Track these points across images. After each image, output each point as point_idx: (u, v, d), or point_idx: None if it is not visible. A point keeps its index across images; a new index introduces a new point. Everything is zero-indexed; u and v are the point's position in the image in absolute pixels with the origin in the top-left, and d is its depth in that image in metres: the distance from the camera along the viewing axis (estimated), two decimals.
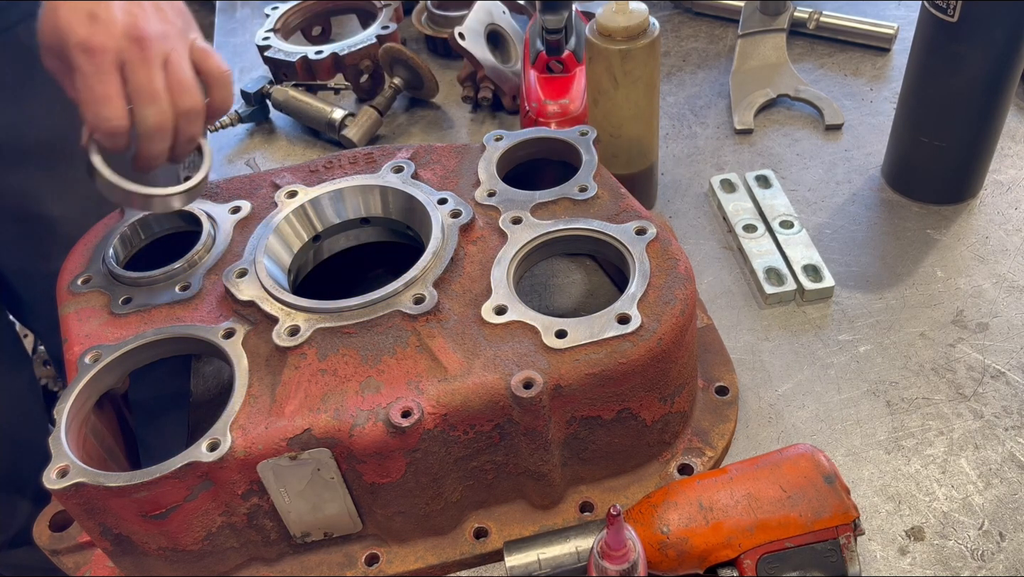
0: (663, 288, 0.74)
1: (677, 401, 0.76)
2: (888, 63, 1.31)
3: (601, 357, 0.69)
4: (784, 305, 0.97)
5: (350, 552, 0.76)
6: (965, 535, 0.76)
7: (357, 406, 0.68)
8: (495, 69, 1.26)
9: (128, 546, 0.70)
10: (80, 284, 0.81)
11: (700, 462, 0.79)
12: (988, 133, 1.02)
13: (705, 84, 1.31)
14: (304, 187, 0.86)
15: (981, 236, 1.02)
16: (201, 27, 0.77)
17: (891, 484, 0.80)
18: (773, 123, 1.23)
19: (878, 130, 1.18)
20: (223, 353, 0.73)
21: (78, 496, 0.65)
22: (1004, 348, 0.90)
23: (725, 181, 1.11)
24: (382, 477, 0.69)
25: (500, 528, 0.76)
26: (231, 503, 0.69)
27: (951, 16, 0.93)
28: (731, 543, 0.67)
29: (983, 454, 0.81)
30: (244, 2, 1.66)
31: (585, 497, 0.78)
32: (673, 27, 1.43)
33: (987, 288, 0.96)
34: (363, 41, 1.30)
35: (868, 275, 0.99)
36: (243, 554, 0.74)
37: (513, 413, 0.69)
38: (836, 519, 0.67)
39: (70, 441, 0.68)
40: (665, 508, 0.69)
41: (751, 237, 1.03)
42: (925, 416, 0.85)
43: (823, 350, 0.92)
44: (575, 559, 0.69)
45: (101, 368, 0.73)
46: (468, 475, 0.74)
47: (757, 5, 1.33)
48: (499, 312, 0.74)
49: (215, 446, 0.66)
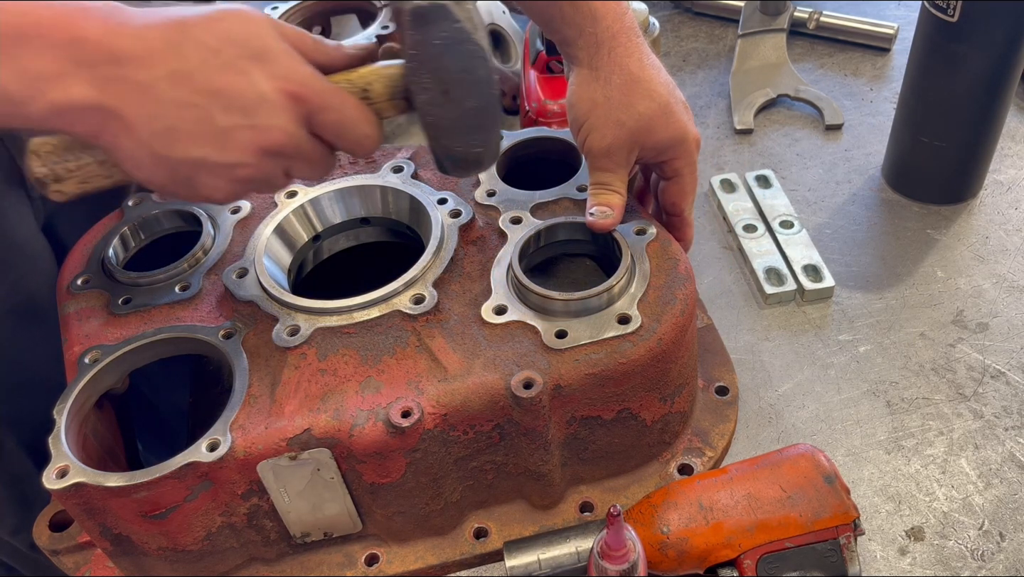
0: (663, 288, 0.74)
1: (677, 401, 0.76)
2: (888, 63, 1.31)
3: (601, 357, 0.69)
4: (784, 305, 0.97)
5: (350, 552, 0.76)
6: (965, 535, 0.76)
7: (357, 406, 0.68)
8: (495, 69, 1.25)
9: (128, 546, 0.70)
10: (80, 284, 0.81)
11: (700, 462, 0.79)
12: (988, 133, 1.02)
13: (705, 84, 1.31)
14: (304, 187, 0.86)
15: (981, 236, 1.02)
16: None
17: (891, 484, 0.80)
18: (773, 123, 1.23)
19: (878, 130, 1.18)
20: (223, 353, 0.73)
21: (78, 496, 0.65)
22: (1004, 348, 0.90)
23: (725, 181, 1.11)
24: (382, 477, 0.69)
25: (500, 528, 0.76)
26: (231, 503, 0.69)
27: (951, 16, 0.93)
28: (731, 543, 0.67)
29: (983, 454, 0.81)
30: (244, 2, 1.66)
31: (585, 497, 0.77)
32: (673, 27, 1.43)
33: (987, 288, 0.96)
34: (363, 41, 1.30)
35: (868, 275, 0.99)
36: (243, 554, 0.74)
37: (513, 413, 0.69)
38: (836, 519, 0.67)
39: (70, 441, 0.68)
40: (665, 508, 0.69)
41: (751, 237, 1.03)
42: (925, 416, 0.85)
43: (823, 350, 0.92)
44: (575, 559, 0.69)
45: (101, 368, 0.73)
46: (468, 475, 0.74)
47: (757, 5, 1.33)
48: (499, 312, 0.74)
49: (215, 446, 0.66)
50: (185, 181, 0.60)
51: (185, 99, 0.57)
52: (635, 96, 0.75)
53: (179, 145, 0.58)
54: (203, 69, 0.57)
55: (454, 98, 0.64)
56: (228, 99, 0.58)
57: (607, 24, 0.74)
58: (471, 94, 0.65)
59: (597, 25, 0.75)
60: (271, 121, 0.59)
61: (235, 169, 0.60)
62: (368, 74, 0.66)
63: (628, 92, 0.75)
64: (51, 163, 0.63)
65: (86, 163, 0.63)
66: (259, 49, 0.59)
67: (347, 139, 0.65)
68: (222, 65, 0.58)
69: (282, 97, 0.59)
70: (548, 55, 1.15)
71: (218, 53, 0.58)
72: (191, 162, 0.59)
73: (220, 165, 0.59)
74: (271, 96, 0.59)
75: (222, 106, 0.57)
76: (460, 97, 0.64)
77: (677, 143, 0.78)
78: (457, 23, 0.62)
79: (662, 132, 0.76)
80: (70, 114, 0.55)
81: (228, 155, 0.59)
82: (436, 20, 0.61)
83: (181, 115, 0.57)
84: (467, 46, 0.63)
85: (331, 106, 0.62)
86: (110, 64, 0.55)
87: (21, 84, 0.53)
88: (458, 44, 0.63)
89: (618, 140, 0.76)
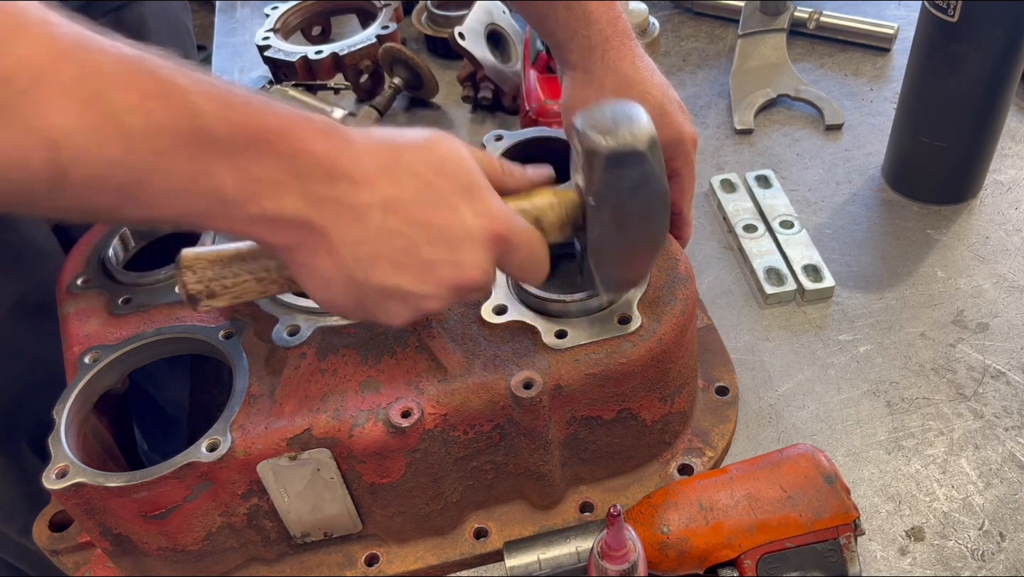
0: (663, 288, 0.74)
1: (677, 401, 0.76)
2: (888, 63, 1.31)
3: (601, 357, 0.69)
4: (784, 305, 0.97)
5: (350, 552, 0.76)
6: (965, 535, 0.76)
7: (357, 406, 0.68)
8: (495, 69, 1.26)
9: (128, 546, 0.70)
10: (80, 284, 0.81)
11: (700, 462, 0.79)
12: (988, 133, 1.02)
13: (705, 84, 1.31)
14: None
15: (981, 236, 1.02)
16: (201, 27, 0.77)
17: (891, 484, 0.80)
18: (773, 123, 1.23)
19: (878, 130, 1.18)
20: (223, 353, 0.73)
21: (78, 496, 0.65)
22: (1004, 348, 0.90)
23: (725, 181, 1.11)
24: (382, 477, 0.69)
25: (500, 528, 0.76)
26: (231, 503, 0.69)
27: (951, 16, 0.93)
28: (731, 543, 0.67)
29: (983, 454, 0.81)
30: (244, 2, 1.66)
31: (585, 497, 0.78)
32: (673, 27, 1.43)
33: (987, 288, 0.96)
34: (363, 41, 1.30)
35: (868, 275, 0.99)
36: (243, 554, 0.74)
37: (513, 413, 0.69)
38: (836, 519, 0.67)
39: (70, 441, 0.68)
40: (665, 508, 0.69)
41: (751, 237, 1.03)
42: (925, 416, 0.85)
43: (823, 350, 0.92)
44: (575, 559, 0.69)
45: (101, 368, 0.73)
46: (468, 475, 0.74)
47: (757, 5, 1.33)
48: (499, 312, 0.74)
49: (215, 446, 0.66)
50: (370, 305, 0.59)
51: (394, 228, 0.56)
52: (629, 99, 0.75)
53: (378, 272, 0.57)
54: (417, 200, 0.57)
55: (629, 233, 0.66)
56: (437, 232, 0.58)
57: (600, 28, 0.75)
58: (646, 231, 0.66)
59: (590, 28, 0.75)
60: (473, 258, 0.59)
61: (425, 300, 0.60)
62: (542, 202, 0.66)
63: (621, 95, 0.74)
64: (207, 279, 0.61)
65: (243, 280, 0.61)
66: (467, 185, 0.59)
67: (527, 273, 0.66)
68: (435, 198, 0.58)
69: (486, 235, 0.59)
70: (548, 55, 1.15)
71: (431, 185, 0.58)
72: (386, 290, 0.58)
73: (413, 295, 0.59)
74: (477, 234, 0.59)
75: (429, 238, 0.57)
76: (635, 233, 0.66)
77: (673, 144, 0.78)
78: (649, 167, 0.62)
79: (658, 134, 0.76)
80: (275, 224, 0.55)
81: (425, 287, 0.59)
82: (631, 164, 0.62)
83: (389, 243, 0.57)
84: (654, 188, 0.64)
85: (523, 246, 0.62)
86: (326, 182, 0.55)
87: (239, 187, 0.52)
88: (645, 186, 0.63)
89: None
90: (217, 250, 0.62)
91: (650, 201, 0.64)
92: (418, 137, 0.59)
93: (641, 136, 0.61)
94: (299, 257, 0.57)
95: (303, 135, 0.54)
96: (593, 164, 0.62)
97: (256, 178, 0.52)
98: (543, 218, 0.65)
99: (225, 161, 0.51)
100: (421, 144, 0.59)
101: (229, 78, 1.45)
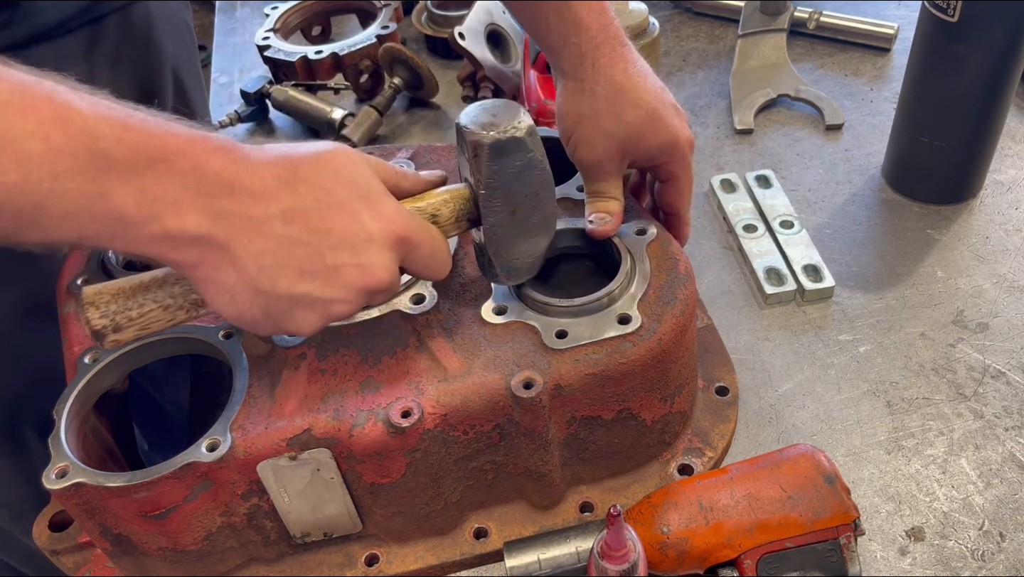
0: (663, 288, 0.74)
1: (677, 401, 0.76)
2: (888, 63, 1.31)
3: (601, 357, 0.69)
4: (784, 305, 0.97)
5: (350, 552, 0.76)
6: (965, 535, 0.76)
7: (357, 406, 0.68)
8: (495, 69, 1.26)
9: (128, 546, 0.70)
10: (80, 284, 0.81)
11: (700, 462, 0.79)
12: (988, 133, 1.02)
13: (705, 84, 1.31)
14: None
15: (981, 236, 1.02)
16: (201, 27, 0.77)
17: (891, 484, 0.80)
18: (773, 123, 1.23)
19: (878, 130, 1.18)
20: (223, 353, 0.73)
21: (78, 496, 0.65)
22: (1004, 348, 0.90)
23: (725, 181, 1.11)
24: (382, 477, 0.69)
25: (500, 528, 0.76)
26: (231, 503, 0.69)
27: (951, 16, 0.93)
28: (731, 543, 0.67)
29: (983, 454, 0.81)
30: (244, 2, 1.66)
31: (585, 497, 0.77)
32: (673, 27, 1.43)
33: (987, 288, 0.96)
34: (363, 41, 1.30)
35: (868, 275, 0.99)
36: (243, 554, 0.74)
37: (513, 413, 0.69)
38: (836, 519, 0.67)
39: (70, 441, 0.68)
40: (665, 508, 0.69)
41: (751, 237, 1.03)
42: (925, 416, 0.85)
43: (823, 350, 0.92)
44: (575, 559, 0.69)
45: (101, 368, 0.73)
46: (468, 475, 0.74)
47: (757, 5, 1.33)
48: (499, 312, 0.74)
49: (215, 446, 0.66)
50: (278, 315, 0.60)
51: (296, 236, 0.58)
52: (621, 106, 0.75)
53: (284, 281, 0.58)
54: (316, 208, 0.58)
55: (520, 217, 0.70)
56: (339, 238, 0.59)
57: (591, 35, 0.75)
58: (535, 213, 0.70)
59: (581, 36, 0.75)
60: (377, 260, 0.61)
61: (333, 304, 0.61)
62: (436, 200, 0.69)
63: (614, 103, 0.75)
64: (111, 312, 0.61)
65: (149, 309, 0.62)
66: (365, 191, 0.61)
67: (431, 270, 0.68)
68: (334, 205, 0.59)
69: (387, 237, 0.61)
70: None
71: (329, 193, 0.59)
72: (293, 297, 0.59)
73: (322, 300, 0.60)
74: (378, 236, 0.61)
75: (332, 244, 0.59)
76: (526, 216, 0.70)
77: (669, 147, 0.78)
78: (530, 153, 0.67)
79: (652, 139, 0.77)
80: (177, 242, 0.55)
81: (333, 292, 0.60)
82: (513, 152, 0.67)
83: (292, 252, 0.58)
84: (536, 172, 0.69)
85: (424, 243, 0.64)
86: (226, 197, 0.55)
87: (140, 207, 0.53)
88: (529, 171, 0.68)
89: (607, 151, 0.77)
90: (119, 283, 0.62)
91: (535, 184, 0.69)
92: (313, 149, 0.61)
93: (520, 126, 0.67)
94: (203, 273, 0.57)
95: (202, 153, 0.55)
96: (479, 156, 0.67)
97: (156, 197, 0.53)
98: (438, 215, 0.68)
99: (125, 182, 0.52)
100: (317, 156, 0.60)
101: (229, 78, 1.45)
